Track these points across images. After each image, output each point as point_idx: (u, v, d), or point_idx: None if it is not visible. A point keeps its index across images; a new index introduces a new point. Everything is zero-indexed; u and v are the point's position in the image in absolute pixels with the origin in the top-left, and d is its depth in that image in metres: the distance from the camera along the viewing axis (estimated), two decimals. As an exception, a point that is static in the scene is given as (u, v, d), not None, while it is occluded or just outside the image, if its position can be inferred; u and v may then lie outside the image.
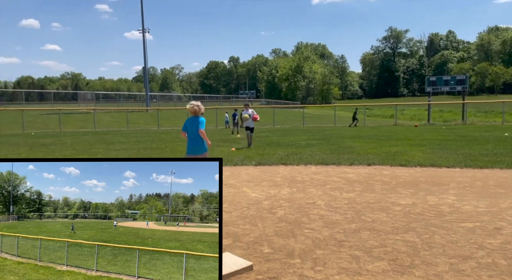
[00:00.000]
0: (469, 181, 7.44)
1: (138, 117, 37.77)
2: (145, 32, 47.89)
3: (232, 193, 6.83)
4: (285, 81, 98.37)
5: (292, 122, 32.11)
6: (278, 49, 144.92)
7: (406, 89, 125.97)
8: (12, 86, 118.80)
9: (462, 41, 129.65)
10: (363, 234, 4.56)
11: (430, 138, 15.85)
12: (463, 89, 31.71)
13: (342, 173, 8.54)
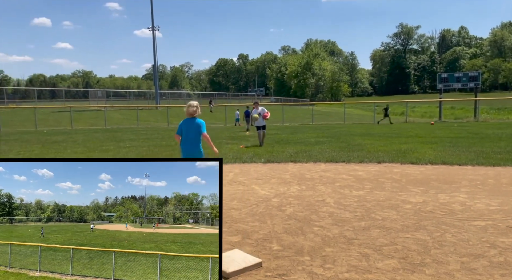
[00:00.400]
0: (481, 179, 7.34)
1: (148, 114, 38.03)
2: (155, 30, 48.17)
3: (241, 191, 6.84)
4: (294, 78, 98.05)
5: (301, 120, 32.02)
6: (287, 46, 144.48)
7: (417, 86, 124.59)
8: (25, 84, 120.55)
9: (474, 37, 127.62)
10: (373, 232, 4.54)
11: (441, 136, 15.66)
12: (476, 86, 31.23)
13: (352, 170, 8.50)
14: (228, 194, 6.57)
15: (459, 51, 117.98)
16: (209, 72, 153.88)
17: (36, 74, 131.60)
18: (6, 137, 18.29)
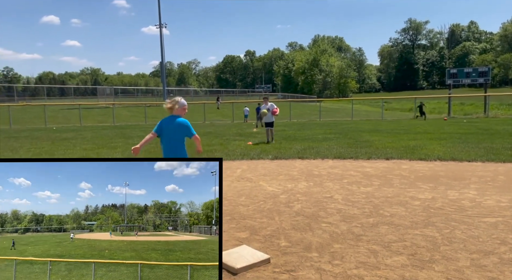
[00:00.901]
0: (491, 175, 7.26)
1: (155, 111, 38.20)
2: (162, 27, 48.29)
3: (249, 187, 6.85)
4: (301, 74, 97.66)
5: (309, 116, 31.92)
6: (295, 42, 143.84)
7: (426, 82, 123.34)
8: (34, 82, 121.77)
9: (484, 32, 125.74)
10: (381, 228, 4.52)
11: (450, 132, 15.51)
12: (485, 81, 30.84)
13: (360, 167, 8.46)
14: (236, 191, 6.59)
15: (468, 46, 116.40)
16: (216, 69, 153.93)
17: (45, 71, 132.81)
18: (17, 134, 18.52)
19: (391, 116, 31.91)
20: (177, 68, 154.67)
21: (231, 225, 4.80)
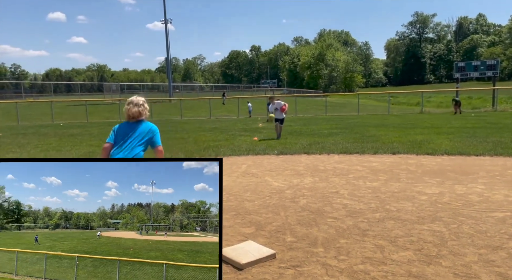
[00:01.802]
0: (500, 169, 7.18)
1: (161, 107, 38.30)
2: (167, 23, 48.25)
3: (254, 182, 6.85)
4: (307, 69, 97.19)
5: (315, 111, 31.79)
6: (300, 37, 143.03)
7: (433, 76, 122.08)
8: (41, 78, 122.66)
9: (493, 25, 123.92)
10: (388, 223, 4.49)
11: (458, 126, 15.36)
12: (494, 75, 30.45)
13: (366, 162, 8.41)
14: (241, 186, 6.59)
15: (476, 39, 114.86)
16: (221, 64, 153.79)
17: (52, 68, 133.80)
18: (24, 130, 18.68)
19: (398, 111, 31.67)
20: (183, 63, 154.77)
21: (236, 221, 4.80)
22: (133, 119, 3.74)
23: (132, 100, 3.80)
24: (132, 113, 3.71)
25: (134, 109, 3.72)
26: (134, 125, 3.73)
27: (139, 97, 3.87)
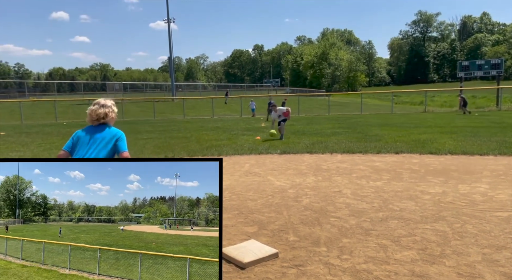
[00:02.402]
0: (504, 169, 7.14)
1: (164, 106, 38.36)
2: (170, 22, 48.28)
3: (257, 182, 6.84)
4: (310, 68, 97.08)
5: (318, 110, 31.74)
6: (303, 36, 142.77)
7: (437, 75, 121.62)
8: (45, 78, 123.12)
9: (497, 23, 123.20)
10: (391, 223, 4.47)
11: (461, 125, 15.29)
12: (498, 74, 30.29)
13: (369, 161, 8.39)
14: (244, 185, 6.58)
15: (481, 38, 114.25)
16: (224, 63, 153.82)
17: (55, 67, 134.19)
18: (28, 130, 18.76)
19: (401, 110, 31.57)
20: (186, 63, 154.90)
21: (239, 220, 4.79)
22: (97, 122, 3.34)
23: (99, 101, 3.44)
24: (97, 114, 3.33)
25: (100, 110, 3.35)
26: (98, 130, 3.32)
27: (108, 99, 3.54)
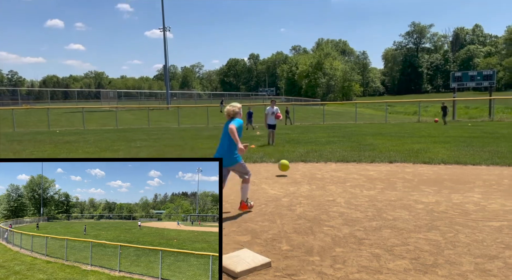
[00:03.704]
0: (496, 179, 7.18)
1: (159, 114, 38.29)
2: (166, 30, 48.49)
3: (251, 190, 6.80)
4: (305, 78, 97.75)
5: (312, 119, 31.86)
6: (298, 46, 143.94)
7: (430, 85, 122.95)
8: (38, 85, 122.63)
9: (489, 35, 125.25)
10: (384, 232, 4.46)
11: (455, 135, 15.41)
12: (490, 85, 30.69)
13: (363, 170, 8.40)
14: (238, 194, 6.54)
15: (473, 49, 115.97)
16: (219, 72, 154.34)
17: (49, 75, 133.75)
18: (20, 137, 18.60)
19: (395, 120, 31.80)
20: (181, 71, 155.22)
21: (232, 229, 4.76)
22: (228, 117, 5.25)
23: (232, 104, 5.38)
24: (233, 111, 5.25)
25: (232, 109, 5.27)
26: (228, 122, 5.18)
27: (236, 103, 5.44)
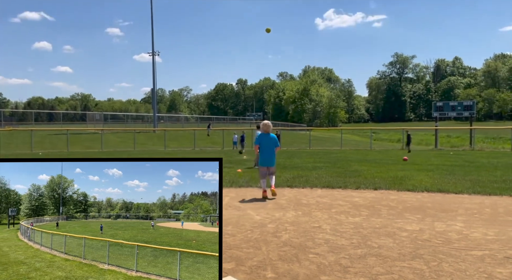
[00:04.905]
0: (478, 208, 7.31)
1: (145, 137, 38.04)
2: (155, 55, 48.97)
3: (236, 216, 6.77)
4: (292, 103, 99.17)
5: (299, 145, 32.10)
6: (285, 72, 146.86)
7: (413, 114, 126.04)
8: (23, 107, 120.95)
9: (468, 68, 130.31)
10: (369, 260, 4.47)
11: (437, 163, 15.70)
12: (471, 115, 31.65)
13: (348, 196, 8.45)
14: (223, 219, 6.49)
15: (453, 80, 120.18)
16: (207, 96, 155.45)
17: (34, 97, 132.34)
18: (1, 158, 18.18)
19: (380, 146, 32.30)
20: (169, 95, 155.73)
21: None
22: (266, 132, 8.49)
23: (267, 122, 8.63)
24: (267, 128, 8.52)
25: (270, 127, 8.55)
26: (268, 135, 8.53)
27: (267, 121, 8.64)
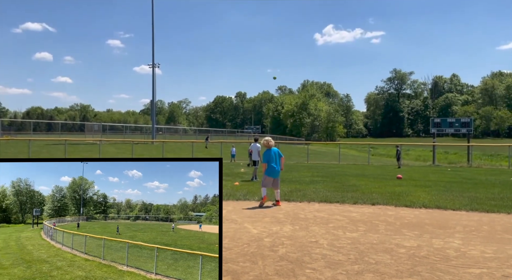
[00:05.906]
0: (475, 225, 7.28)
1: (143, 148, 37.98)
2: (155, 67, 49.31)
3: (233, 229, 6.72)
4: (290, 117, 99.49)
5: (297, 158, 32.09)
6: (284, 86, 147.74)
7: (411, 130, 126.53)
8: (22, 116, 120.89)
9: (466, 85, 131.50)
10: (366, 276, 4.43)
11: (435, 180, 15.69)
12: (468, 132, 31.78)
13: (346, 211, 8.42)
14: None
15: (451, 97, 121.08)
16: (206, 108, 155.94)
17: (34, 106, 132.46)
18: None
19: (378, 162, 32.30)
20: (168, 106, 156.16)
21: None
22: (269, 147, 9.21)
23: (269, 139, 9.43)
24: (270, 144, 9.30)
25: (271, 143, 9.35)
26: (274, 150, 9.30)
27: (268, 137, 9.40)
